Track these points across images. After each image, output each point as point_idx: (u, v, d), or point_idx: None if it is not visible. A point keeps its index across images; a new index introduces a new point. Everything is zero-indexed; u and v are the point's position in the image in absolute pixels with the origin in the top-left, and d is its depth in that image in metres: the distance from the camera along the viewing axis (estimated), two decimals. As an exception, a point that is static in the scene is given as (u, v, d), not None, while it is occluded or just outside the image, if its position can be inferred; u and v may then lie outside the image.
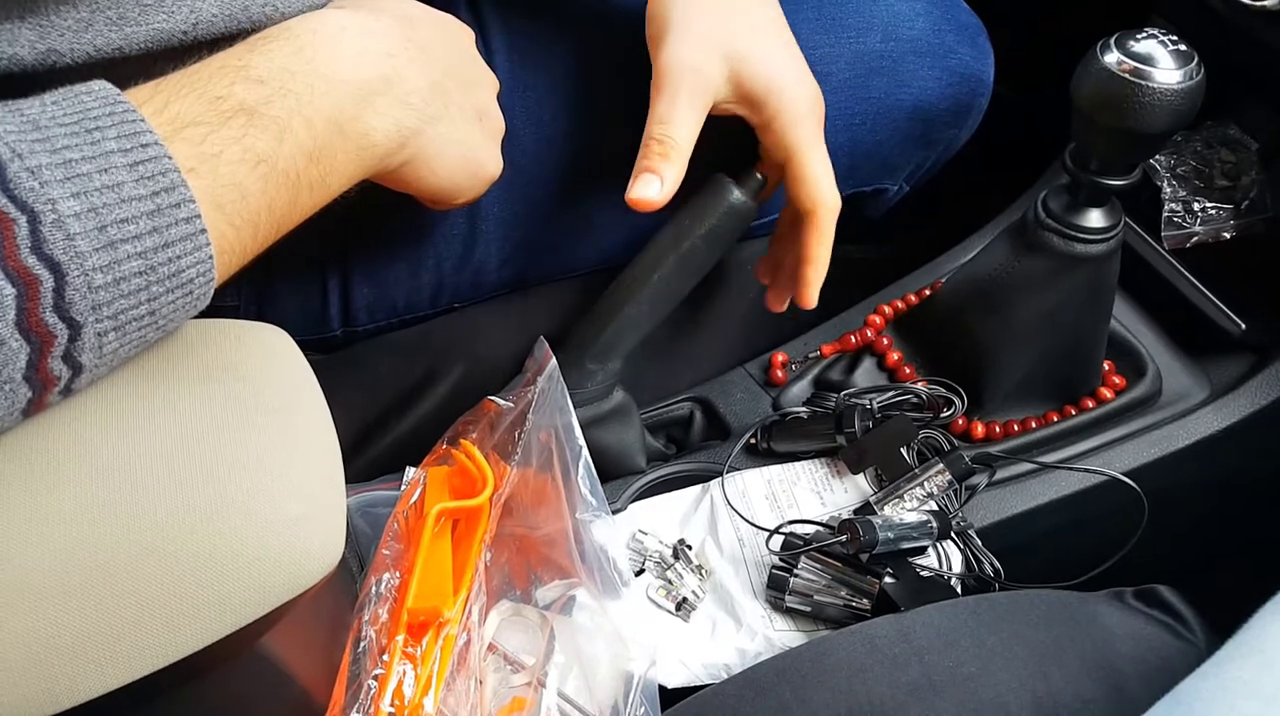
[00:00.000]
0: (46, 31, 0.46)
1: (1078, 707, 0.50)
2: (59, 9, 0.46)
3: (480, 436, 0.62)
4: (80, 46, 0.47)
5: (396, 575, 0.53)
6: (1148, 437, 0.68)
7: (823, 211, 0.63)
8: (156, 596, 0.37)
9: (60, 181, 0.35)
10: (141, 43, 0.49)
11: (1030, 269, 0.63)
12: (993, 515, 0.66)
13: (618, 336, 0.63)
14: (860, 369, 0.72)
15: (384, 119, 0.48)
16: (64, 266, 0.34)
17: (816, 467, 0.67)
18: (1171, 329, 0.72)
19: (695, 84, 0.59)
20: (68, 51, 0.47)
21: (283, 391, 0.42)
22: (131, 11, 0.48)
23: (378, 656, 0.50)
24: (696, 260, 0.63)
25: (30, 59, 0.46)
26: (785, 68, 0.61)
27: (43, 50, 0.46)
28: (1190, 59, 0.55)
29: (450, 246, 0.70)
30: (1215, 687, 0.42)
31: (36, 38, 0.46)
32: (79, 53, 0.47)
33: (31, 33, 0.46)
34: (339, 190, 0.47)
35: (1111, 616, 0.54)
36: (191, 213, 0.38)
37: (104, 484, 0.37)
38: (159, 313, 0.38)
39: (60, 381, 0.36)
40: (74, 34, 0.47)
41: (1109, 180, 0.59)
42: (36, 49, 0.46)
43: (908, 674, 0.51)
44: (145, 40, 0.49)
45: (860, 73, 0.73)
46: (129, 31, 0.48)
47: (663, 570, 0.62)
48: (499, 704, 0.53)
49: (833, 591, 0.59)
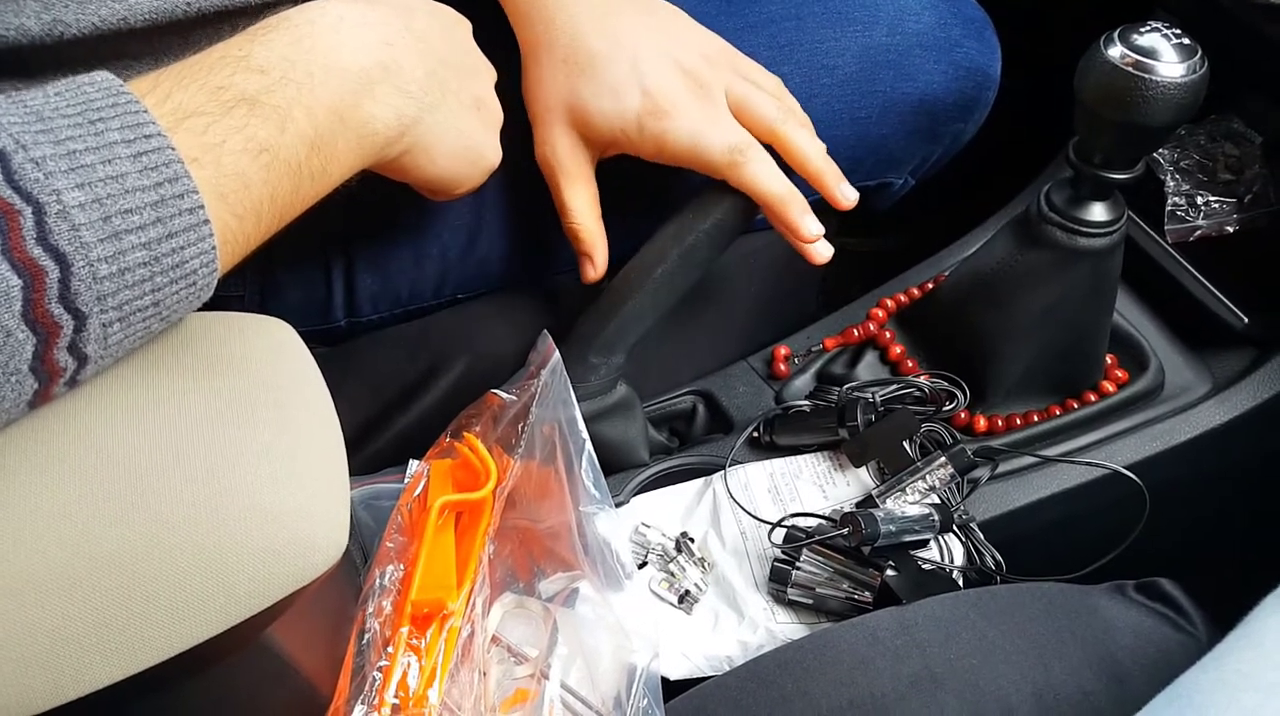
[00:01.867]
0: (52, 3, 0.47)
1: (1079, 699, 0.50)
2: None
3: (483, 429, 0.62)
4: (85, 17, 0.48)
5: (400, 567, 0.53)
6: (1149, 431, 0.68)
7: (779, 137, 0.64)
8: (161, 588, 0.37)
9: (65, 172, 0.35)
10: (145, 14, 0.50)
11: (1033, 262, 0.63)
12: (994, 508, 0.66)
13: (621, 330, 0.63)
14: (863, 362, 0.72)
15: (384, 107, 0.48)
16: (69, 257, 0.35)
17: (819, 461, 0.67)
18: (1174, 323, 0.72)
19: (568, 169, 0.64)
20: (73, 22, 0.48)
21: (286, 384, 0.43)
22: None
23: (382, 648, 0.50)
24: (700, 254, 0.63)
25: (36, 29, 0.47)
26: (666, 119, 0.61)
27: (48, 21, 0.47)
28: (1194, 52, 0.55)
29: (455, 236, 0.70)
30: (1215, 680, 0.42)
31: (42, 8, 0.47)
32: (84, 23, 0.48)
33: (37, 3, 0.46)
34: (340, 179, 0.47)
35: (1112, 609, 0.54)
36: (195, 203, 0.38)
37: (109, 476, 0.37)
38: (163, 303, 0.38)
39: (66, 372, 0.36)
40: (78, 4, 0.47)
41: (1112, 174, 0.59)
42: (42, 19, 0.47)
43: (909, 666, 0.51)
44: (149, 12, 0.50)
45: (866, 66, 0.73)
46: (132, 3, 0.49)
47: (665, 563, 0.62)
48: (502, 695, 0.53)
49: (835, 584, 0.59)
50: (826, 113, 0.73)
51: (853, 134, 0.74)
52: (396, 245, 0.69)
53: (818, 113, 0.73)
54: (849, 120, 0.73)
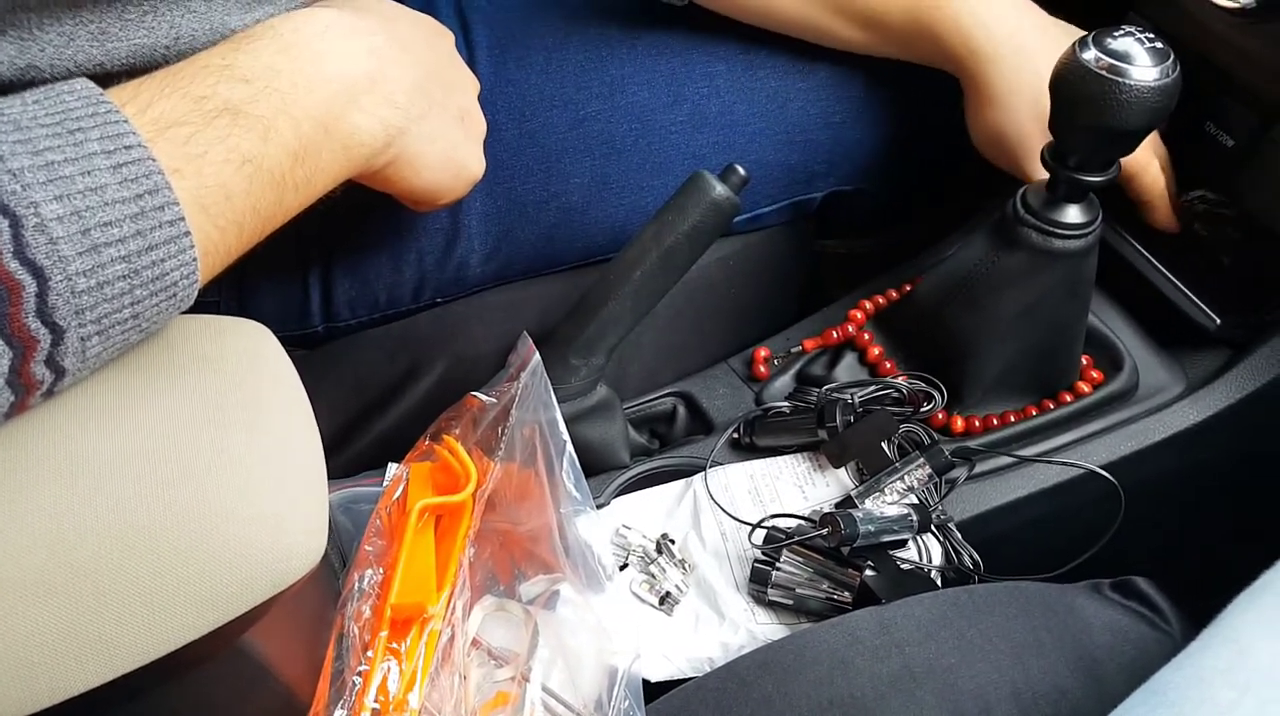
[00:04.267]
0: (27, 46, 0.45)
1: (1056, 698, 0.51)
2: (41, 23, 0.45)
3: (463, 432, 0.62)
4: (61, 62, 0.47)
5: (379, 571, 0.53)
6: (1124, 431, 0.69)
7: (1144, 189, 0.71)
8: (137, 594, 0.37)
9: (43, 184, 0.34)
10: (123, 59, 0.49)
11: (1009, 264, 0.64)
12: (972, 508, 0.66)
13: (601, 332, 0.63)
14: (842, 364, 0.72)
15: (370, 118, 0.47)
16: (47, 271, 0.34)
17: (798, 462, 0.67)
18: (1148, 324, 0.73)
19: None
20: (48, 67, 0.46)
21: (264, 387, 0.42)
22: (113, 27, 0.47)
23: (361, 652, 0.50)
24: (679, 256, 0.63)
25: (9, 74, 0.46)
26: None
27: (22, 66, 0.46)
28: (1166, 56, 0.56)
29: (432, 241, 0.70)
30: (1191, 677, 0.42)
31: (17, 53, 0.45)
32: (59, 68, 0.47)
33: (12, 47, 0.45)
34: (324, 190, 0.47)
35: (1089, 607, 0.55)
36: (175, 215, 0.38)
37: (84, 481, 0.37)
38: (142, 315, 0.38)
39: (43, 385, 0.36)
40: (55, 49, 0.46)
41: (1087, 176, 0.60)
42: (17, 64, 0.46)
43: (888, 665, 0.51)
44: (127, 56, 0.49)
45: (840, 69, 0.74)
46: (110, 47, 0.48)
47: (646, 564, 0.62)
48: (483, 699, 0.53)
49: (814, 584, 0.59)
50: (802, 117, 0.74)
51: (828, 138, 0.74)
52: (374, 250, 0.69)
53: (794, 117, 0.74)
54: (823, 124, 0.74)
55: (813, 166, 0.75)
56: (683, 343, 0.76)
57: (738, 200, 0.63)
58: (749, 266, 0.78)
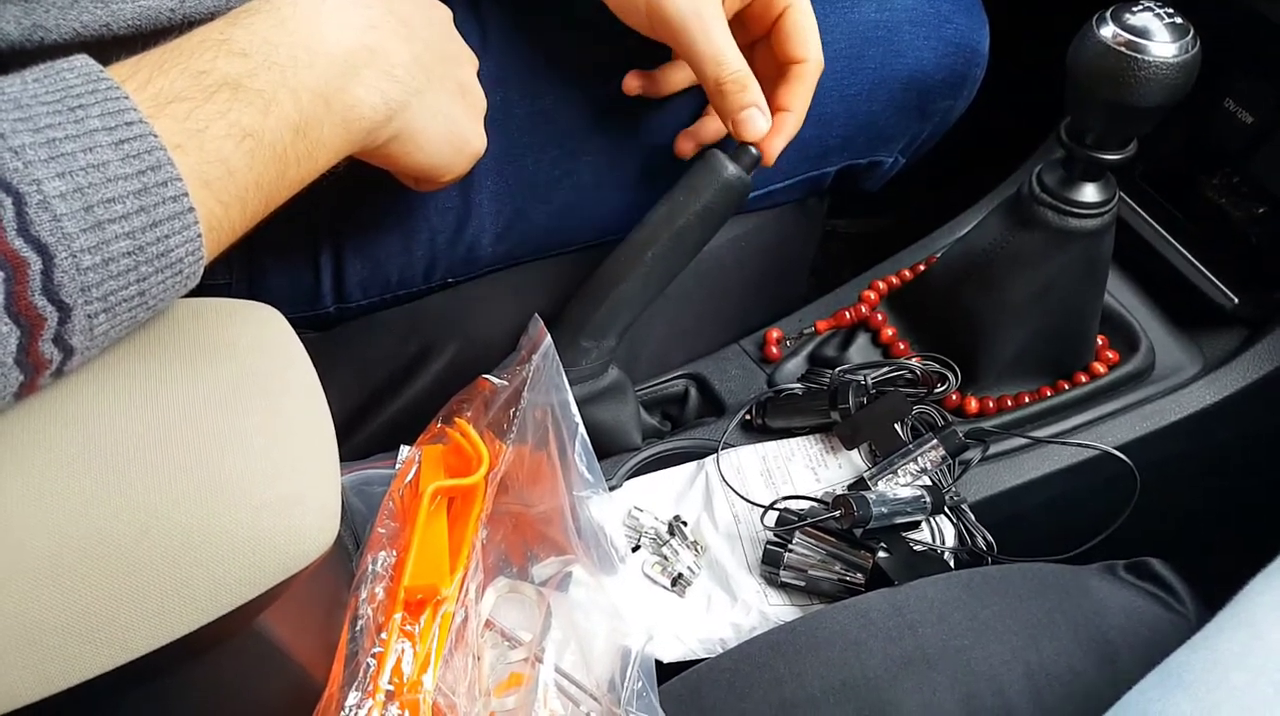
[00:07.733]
0: (33, 8, 0.46)
1: (1069, 678, 0.51)
2: None
3: (475, 414, 0.62)
4: (66, 23, 0.47)
5: (393, 553, 0.53)
6: (1140, 412, 0.68)
7: (811, 64, 0.64)
8: (151, 577, 0.37)
9: (45, 161, 0.34)
10: (128, 20, 0.49)
11: (1024, 244, 0.63)
12: (986, 489, 0.66)
13: (613, 313, 0.63)
14: (855, 345, 0.72)
15: (370, 91, 0.47)
16: (51, 248, 0.34)
17: (811, 444, 0.67)
18: (1164, 303, 0.72)
19: (710, 8, 0.59)
20: (54, 28, 0.47)
21: (275, 370, 0.42)
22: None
23: (375, 634, 0.50)
24: (691, 236, 0.63)
25: (16, 35, 0.46)
26: None
27: (28, 26, 0.46)
28: (1186, 32, 0.55)
29: (444, 220, 0.69)
30: (1206, 659, 0.42)
31: (22, 13, 0.46)
32: (65, 29, 0.47)
33: (17, 8, 0.45)
34: (326, 165, 0.47)
35: (1103, 589, 0.55)
36: (179, 190, 0.38)
37: (97, 465, 0.37)
38: (149, 293, 0.38)
39: (52, 364, 0.36)
40: (60, 10, 0.46)
41: (1104, 154, 0.59)
42: (22, 24, 0.46)
43: (901, 646, 0.51)
44: (132, 18, 0.49)
45: (855, 43, 0.73)
46: (115, 9, 0.48)
47: (658, 546, 0.63)
48: (497, 680, 0.53)
49: (827, 566, 0.59)
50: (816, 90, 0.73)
51: (842, 111, 0.73)
52: (385, 230, 0.69)
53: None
54: (838, 98, 0.73)
55: (827, 140, 0.74)
56: (694, 324, 0.76)
57: (749, 179, 0.63)
58: (761, 246, 0.77)
